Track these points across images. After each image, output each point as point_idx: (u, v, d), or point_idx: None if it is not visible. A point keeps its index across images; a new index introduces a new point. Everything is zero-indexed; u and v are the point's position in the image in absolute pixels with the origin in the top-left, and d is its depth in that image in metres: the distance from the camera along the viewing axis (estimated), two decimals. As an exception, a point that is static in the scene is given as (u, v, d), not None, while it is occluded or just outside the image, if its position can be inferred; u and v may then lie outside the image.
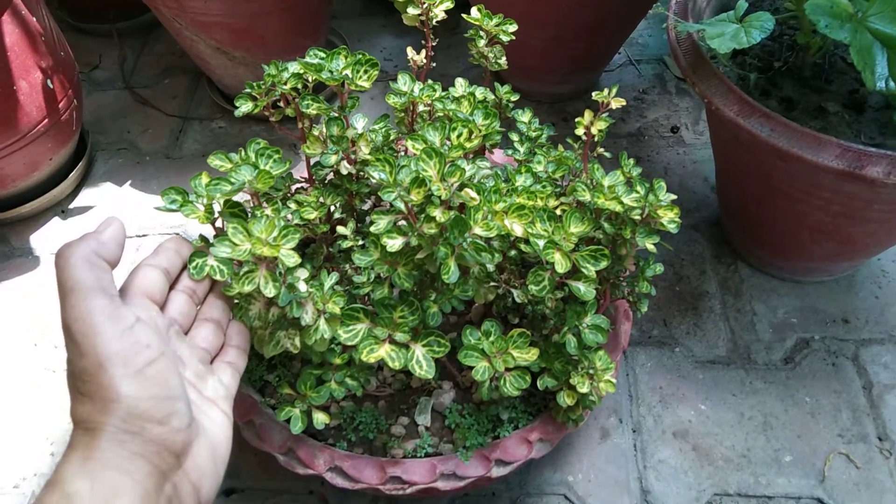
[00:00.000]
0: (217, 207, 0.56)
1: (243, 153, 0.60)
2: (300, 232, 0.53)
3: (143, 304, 0.48)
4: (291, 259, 0.51)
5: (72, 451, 0.40)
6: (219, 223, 0.57)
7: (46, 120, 1.04)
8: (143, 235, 1.12)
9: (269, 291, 0.52)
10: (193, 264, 0.53)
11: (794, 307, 0.99)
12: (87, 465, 0.39)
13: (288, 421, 0.64)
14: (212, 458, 0.46)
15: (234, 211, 0.56)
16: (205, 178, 0.55)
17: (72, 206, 1.17)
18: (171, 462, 0.43)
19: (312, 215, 0.65)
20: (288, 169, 0.60)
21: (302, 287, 0.54)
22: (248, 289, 0.51)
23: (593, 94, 0.65)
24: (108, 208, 1.16)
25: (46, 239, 1.12)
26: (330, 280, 0.59)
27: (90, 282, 0.42)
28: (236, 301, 0.56)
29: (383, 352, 0.57)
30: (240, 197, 0.59)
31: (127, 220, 1.12)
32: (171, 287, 0.52)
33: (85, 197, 1.18)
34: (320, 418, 0.64)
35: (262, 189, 0.56)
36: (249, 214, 0.59)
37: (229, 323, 0.56)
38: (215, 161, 0.60)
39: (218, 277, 0.53)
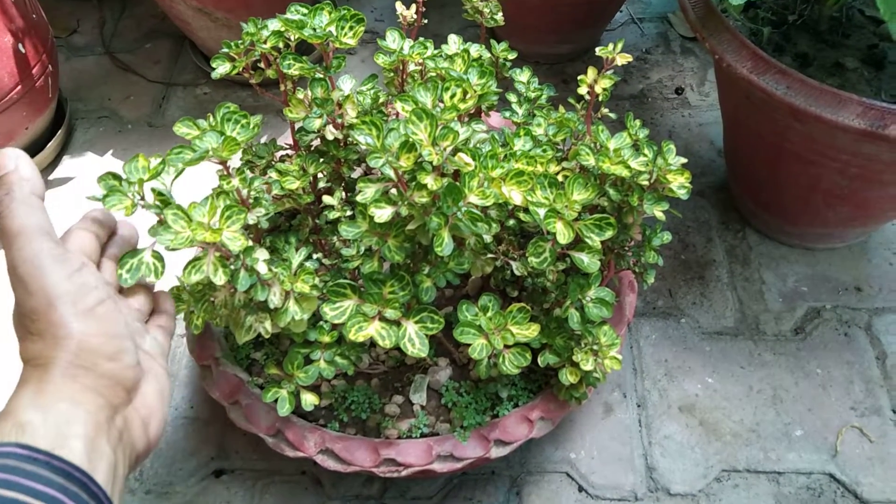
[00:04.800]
0: (148, 198, 0.50)
1: (212, 119, 0.55)
2: (245, 212, 0.48)
3: (81, 258, 0.47)
4: (237, 243, 0.47)
5: (23, 386, 0.41)
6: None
7: (19, 86, 0.99)
8: (127, 207, 1.07)
9: (219, 279, 0.48)
10: (126, 267, 0.48)
11: (804, 275, 0.95)
12: (39, 397, 0.40)
13: (275, 402, 0.61)
14: (159, 398, 0.47)
15: (164, 198, 0.51)
16: (141, 161, 0.50)
17: (51, 177, 1.12)
18: (122, 397, 0.44)
19: (294, 185, 0.61)
20: (255, 135, 0.55)
21: (262, 269, 0.50)
22: (196, 278, 0.47)
23: (597, 49, 0.60)
24: (88, 179, 1.11)
25: (25, 212, 1.08)
26: (298, 257, 0.55)
27: (35, 225, 0.42)
28: (198, 289, 0.52)
29: (373, 330, 0.53)
30: (210, 166, 0.55)
31: (109, 192, 1.07)
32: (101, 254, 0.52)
33: (65, 168, 1.13)
34: (309, 399, 0.61)
35: (228, 157, 0.52)
36: (220, 186, 0.54)
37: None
38: (182, 129, 0.55)
39: (151, 278, 0.48)
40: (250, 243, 0.49)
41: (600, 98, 0.62)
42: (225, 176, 0.54)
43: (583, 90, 0.62)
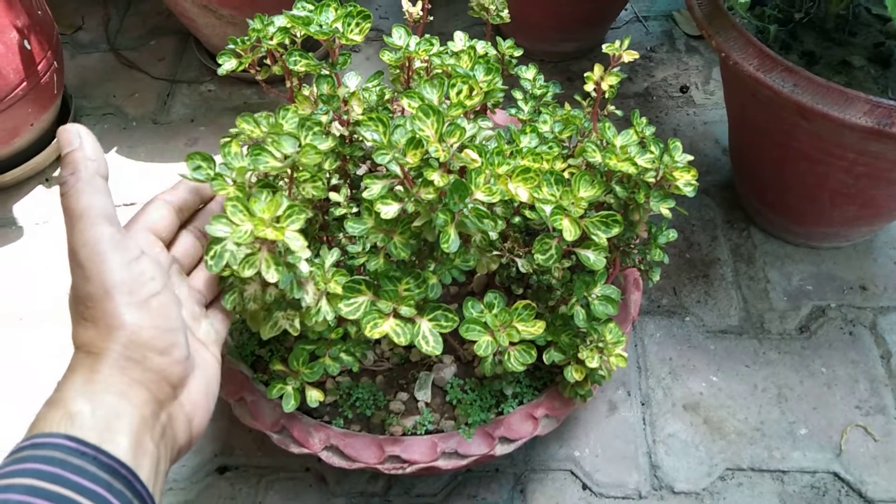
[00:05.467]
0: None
1: (272, 119, 0.55)
2: (306, 210, 0.48)
3: (147, 238, 0.48)
4: (297, 242, 0.46)
5: (73, 374, 0.41)
6: None
7: (25, 83, 0.99)
8: (132, 204, 1.07)
9: (272, 276, 0.47)
10: (210, 253, 0.47)
11: (809, 274, 0.95)
12: (88, 387, 0.40)
13: (280, 399, 0.61)
14: (205, 393, 0.47)
15: (271, 187, 0.51)
16: (235, 148, 0.50)
17: (56, 173, 1.12)
18: (169, 392, 0.44)
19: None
20: (335, 147, 0.55)
21: (304, 268, 0.49)
22: (248, 273, 0.47)
23: (604, 46, 0.60)
24: (94, 176, 1.11)
25: (30, 209, 1.08)
26: (331, 257, 0.55)
27: (99, 208, 0.42)
28: (230, 281, 0.52)
29: (388, 327, 0.53)
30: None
31: (114, 189, 1.07)
32: (184, 225, 0.52)
33: (70, 164, 1.13)
34: (314, 396, 0.61)
35: (308, 165, 0.51)
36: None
37: None
38: (244, 125, 0.54)
39: (236, 268, 0.47)
40: (306, 243, 0.48)
41: (607, 95, 0.61)
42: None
43: (589, 87, 0.61)
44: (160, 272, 0.45)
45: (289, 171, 0.53)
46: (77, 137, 0.43)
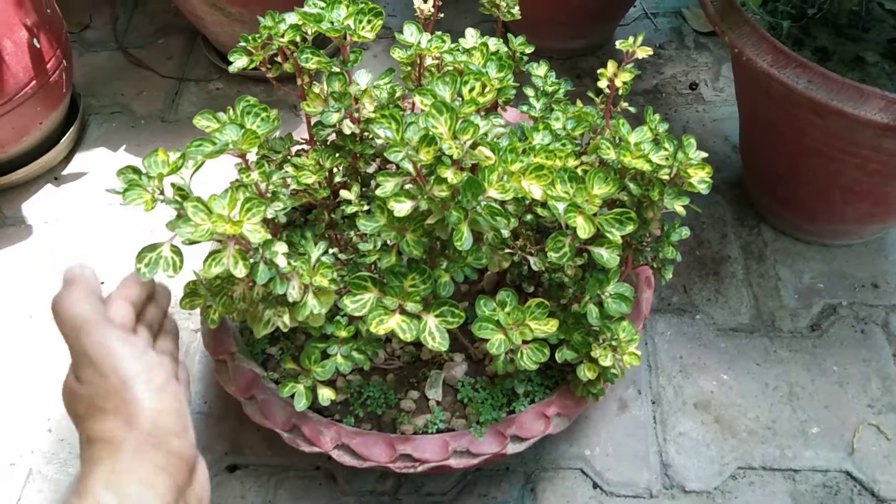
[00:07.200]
0: (168, 192, 0.51)
1: (232, 112, 0.55)
2: (265, 204, 0.48)
3: (146, 340, 0.50)
4: (257, 235, 0.47)
5: (98, 465, 0.42)
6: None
7: (34, 81, 0.99)
8: (140, 202, 1.07)
9: (240, 272, 0.47)
10: (144, 260, 0.48)
11: (820, 272, 0.94)
12: (113, 478, 0.42)
13: (292, 397, 0.60)
14: (206, 475, 0.49)
15: (183, 192, 0.50)
16: (161, 156, 0.50)
17: (65, 172, 1.12)
18: (186, 476, 0.45)
19: (311, 179, 0.61)
20: (276, 128, 0.55)
21: (281, 262, 0.50)
22: (216, 271, 0.47)
23: (617, 42, 0.60)
24: (101, 174, 1.11)
25: (39, 207, 1.08)
26: (317, 251, 0.55)
27: (98, 315, 0.46)
28: (217, 283, 0.52)
29: (393, 323, 0.53)
30: (229, 160, 0.55)
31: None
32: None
33: (78, 163, 1.13)
34: (326, 394, 0.61)
35: (248, 150, 0.52)
36: (239, 179, 0.54)
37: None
38: (202, 121, 0.55)
39: (170, 273, 0.48)
40: (269, 236, 0.49)
41: (620, 92, 0.61)
42: (244, 169, 0.54)
43: (602, 83, 0.61)
44: (167, 360, 0.48)
45: (240, 158, 0.54)
46: (80, 272, 0.48)
